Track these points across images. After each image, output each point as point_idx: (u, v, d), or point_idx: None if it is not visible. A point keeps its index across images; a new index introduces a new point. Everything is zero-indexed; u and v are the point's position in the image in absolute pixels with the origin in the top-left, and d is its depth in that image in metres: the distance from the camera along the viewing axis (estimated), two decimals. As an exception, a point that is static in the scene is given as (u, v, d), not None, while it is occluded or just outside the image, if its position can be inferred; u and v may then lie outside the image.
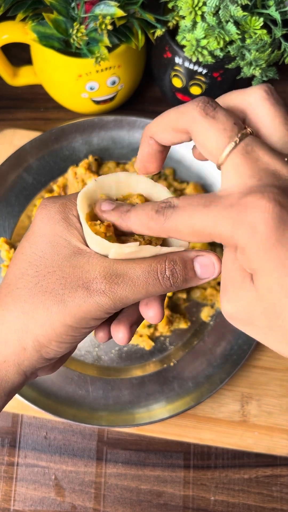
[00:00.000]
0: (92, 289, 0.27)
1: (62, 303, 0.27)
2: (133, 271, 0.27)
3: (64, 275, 0.27)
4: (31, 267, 0.28)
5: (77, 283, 0.27)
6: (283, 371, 0.57)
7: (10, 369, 0.28)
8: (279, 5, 0.47)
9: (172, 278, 0.28)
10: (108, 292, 0.26)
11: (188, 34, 0.48)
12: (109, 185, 0.30)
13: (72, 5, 0.49)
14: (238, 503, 0.53)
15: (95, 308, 0.27)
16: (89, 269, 0.27)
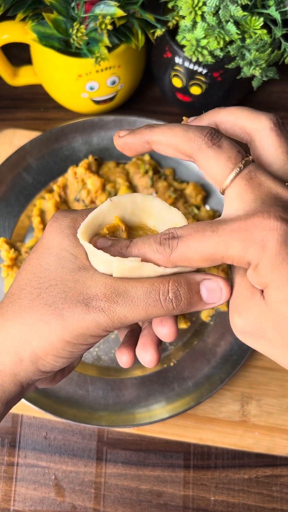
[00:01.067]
0: (91, 306, 0.26)
1: (61, 318, 0.26)
2: (134, 290, 0.26)
3: (66, 289, 0.27)
4: (35, 279, 0.28)
5: (77, 298, 0.26)
6: (283, 371, 0.57)
7: (7, 379, 0.28)
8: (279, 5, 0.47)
9: (175, 301, 0.27)
10: (106, 310, 0.26)
11: (188, 34, 0.48)
12: (125, 206, 0.29)
13: (72, 5, 0.49)
14: (238, 503, 0.53)
15: (93, 325, 0.26)
16: (91, 284, 0.27)
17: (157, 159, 0.62)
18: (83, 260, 0.28)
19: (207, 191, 0.61)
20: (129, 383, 0.55)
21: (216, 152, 0.26)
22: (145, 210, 0.30)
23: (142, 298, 0.26)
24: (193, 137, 0.26)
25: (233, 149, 0.26)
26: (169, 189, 0.59)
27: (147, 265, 0.26)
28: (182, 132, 0.27)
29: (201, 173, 0.61)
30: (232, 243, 0.24)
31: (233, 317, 0.26)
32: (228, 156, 0.26)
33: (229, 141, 0.26)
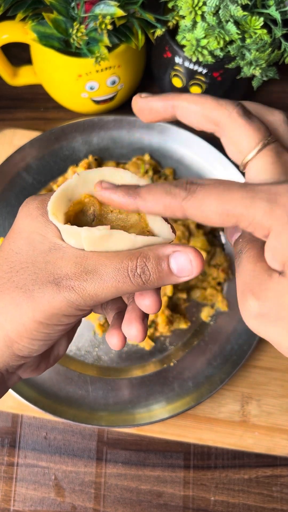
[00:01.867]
0: (61, 285, 0.26)
1: (32, 299, 0.26)
2: (103, 268, 0.26)
3: (36, 271, 0.27)
4: (6, 263, 0.28)
5: (48, 279, 0.26)
6: (283, 371, 0.57)
7: None
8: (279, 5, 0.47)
9: (144, 276, 0.26)
10: (77, 289, 0.26)
11: (188, 34, 0.48)
12: (93, 180, 0.28)
13: (72, 5, 0.49)
14: (238, 503, 0.53)
15: (65, 304, 0.26)
16: (62, 265, 0.27)
17: (157, 159, 0.62)
18: (53, 240, 0.28)
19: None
20: (129, 383, 0.55)
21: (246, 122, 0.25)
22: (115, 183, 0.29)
23: (111, 275, 0.26)
24: (224, 104, 0.26)
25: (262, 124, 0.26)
26: (169, 189, 0.59)
27: (117, 233, 0.26)
28: (212, 99, 0.26)
29: (201, 173, 0.61)
30: (259, 201, 0.22)
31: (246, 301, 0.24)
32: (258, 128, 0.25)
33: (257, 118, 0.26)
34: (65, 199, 0.28)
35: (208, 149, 0.60)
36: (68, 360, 0.56)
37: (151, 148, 0.62)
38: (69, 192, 0.28)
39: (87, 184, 0.28)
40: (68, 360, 0.56)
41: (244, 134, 0.25)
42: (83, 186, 0.28)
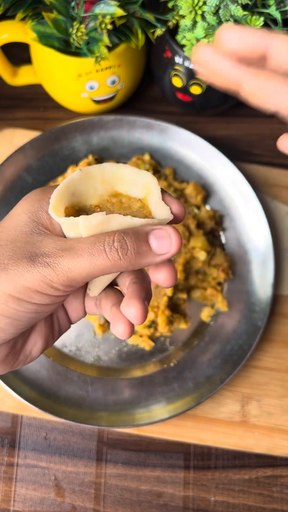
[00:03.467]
0: (37, 261, 0.26)
1: (4, 271, 0.26)
2: (79, 244, 0.26)
3: (14, 248, 0.27)
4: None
5: (24, 255, 0.26)
6: (283, 371, 0.57)
7: None
8: (280, 5, 0.47)
9: (121, 250, 0.26)
10: (51, 264, 0.26)
11: (188, 33, 0.48)
12: (95, 175, 0.29)
13: (72, 5, 0.49)
14: (238, 503, 0.53)
15: (38, 278, 0.26)
16: (41, 246, 0.27)
17: (157, 159, 0.62)
18: (39, 225, 0.28)
19: (207, 191, 0.61)
20: (129, 383, 0.55)
21: None
22: (116, 178, 0.30)
23: (86, 249, 0.26)
24: None
25: None
26: (169, 189, 0.59)
27: (113, 217, 0.26)
28: None
29: (201, 173, 0.61)
30: None
31: None
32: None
33: None
34: (67, 193, 0.28)
35: (208, 149, 0.60)
36: (68, 360, 0.56)
37: (151, 148, 0.62)
38: (72, 188, 0.28)
39: (89, 180, 0.29)
40: (68, 360, 0.56)
41: None
42: (86, 182, 0.29)
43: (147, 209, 0.30)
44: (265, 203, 0.62)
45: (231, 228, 0.60)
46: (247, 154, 0.65)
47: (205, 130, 0.65)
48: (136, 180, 0.30)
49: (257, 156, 0.65)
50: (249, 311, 0.57)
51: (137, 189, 0.30)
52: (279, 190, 0.63)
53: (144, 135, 0.61)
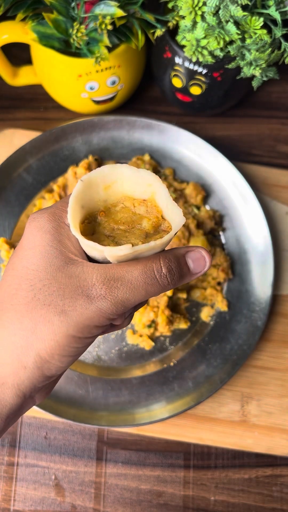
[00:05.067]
0: (92, 296, 0.26)
1: (64, 314, 0.26)
2: (130, 274, 0.27)
3: (61, 286, 0.27)
4: (24, 282, 0.27)
5: (76, 292, 0.26)
6: (283, 371, 0.57)
7: (8, 392, 0.27)
8: (279, 5, 0.47)
9: (170, 276, 0.28)
10: (108, 297, 0.26)
11: (188, 34, 0.48)
12: (96, 182, 0.29)
13: (72, 5, 0.49)
14: (238, 503, 0.53)
15: (97, 314, 0.26)
16: (85, 277, 0.27)
17: (157, 159, 0.62)
18: (69, 254, 0.28)
19: (207, 191, 0.61)
20: (129, 383, 0.55)
21: None
22: (117, 179, 0.30)
23: (140, 279, 0.27)
24: None
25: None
26: (169, 189, 0.59)
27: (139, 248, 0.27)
28: None
29: (200, 173, 0.61)
30: None
31: None
32: None
33: None
34: (78, 208, 0.28)
35: (208, 149, 0.60)
36: (68, 360, 0.56)
37: (151, 148, 0.62)
38: (80, 200, 0.28)
39: (92, 188, 0.29)
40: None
41: None
42: (89, 191, 0.29)
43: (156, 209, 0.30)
44: (265, 203, 0.62)
45: (231, 228, 0.60)
46: (247, 155, 0.66)
47: (204, 131, 0.66)
48: (136, 180, 0.30)
49: (257, 157, 0.66)
50: (249, 311, 0.57)
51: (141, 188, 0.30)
52: (278, 190, 0.63)
53: (144, 135, 0.62)
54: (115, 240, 0.29)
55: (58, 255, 0.28)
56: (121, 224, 0.29)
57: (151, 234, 0.29)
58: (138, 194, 0.30)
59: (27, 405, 0.29)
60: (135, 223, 0.30)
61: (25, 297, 0.27)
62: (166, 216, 0.30)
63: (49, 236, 0.28)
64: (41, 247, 0.28)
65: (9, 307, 0.27)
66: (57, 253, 0.28)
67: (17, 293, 0.27)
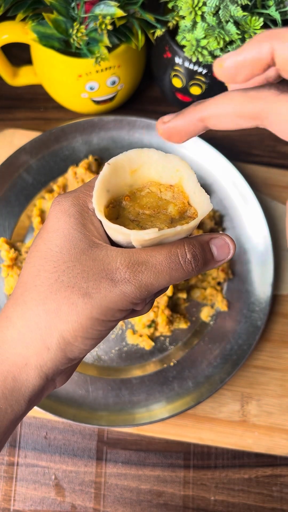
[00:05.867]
0: (116, 279, 0.26)
1: (88, 296, 0.26)
2: (154, 259, 0.27)
3: (85, 269, 0.27)
4: (48, 263, 0.27)
5: (100, 274, 0.26)
6: (283, 371, 0.57)
7: (31, 373, 0.27)
8: (279, 5, 0.47)
9: (194, 262, 0.28)
10: (132, 281, 0.26)
11: (188, 34, 0.48)
12: (122, 166, 0.29)
13: (72, 5, 0.49)
14: (238, 503, 0.53)
15: (121, 298, 0.26)
16: (110, 261, 0.27)
17: (157, 159, 0.62)
18: (92, 238, 0.28)
19: (207, 191, 0.61)
20: (129, 383, 0.55)
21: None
22: (144, 163, 0.29)
23: (164, 264, 0.27)
24: (256, 95, 0.24)
25: None
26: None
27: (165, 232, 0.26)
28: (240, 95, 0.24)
29: (200, 174, 0.61)
30: None
31: None
32: None
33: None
34: (104, 192, 0.28)
35: (207, 150, 0.60)
36: (68, 360, 0.56)
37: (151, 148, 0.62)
38: (106, 184, 0.28)
39: (119, 172, 0.29)
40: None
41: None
42: (115, 175, 0.29)
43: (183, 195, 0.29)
44: (265, 203, 0.62)
45: (231, 228, 0.60)
46: (247, 155, 0.66)
47: (204, 131, 0.65)
48: (164, 164, 0.29)
49: (257, 157, 0.66)
50: (248, 311, 0.57)
51: (168, 173, 0.29)
52: (278, 190, 0.63)
53: (144, 135, 0.62)
54: (140, 225, 0.28)
55: (82, 238, 0.28)
56: (146, 209, 0.29)
57: (177, 219, 0.29)
58: (165, 179, 0.30)
59: (49, 388, 0.29)
60: (161, 208, 0.29)
61: (48, 278, 0.27)
62: (192, 202, 0.29)
63: (73, 219, 0.28)
64: (65, 230, 0.28)
65: (32, 288, 0.27)
66: (81, 236, 0.28)
67: (40, 274, 0.27)
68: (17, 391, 0.27)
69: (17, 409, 0.27)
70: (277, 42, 0.22)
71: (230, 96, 0.24)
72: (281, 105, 0.23)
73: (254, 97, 0.23)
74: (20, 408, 0.27)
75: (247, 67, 0.24)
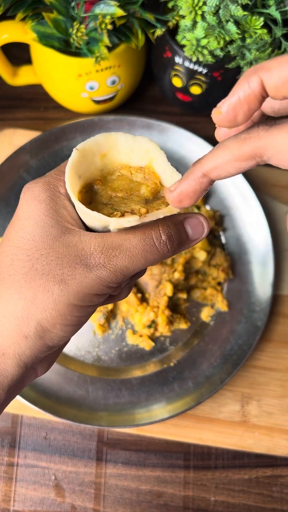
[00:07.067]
0: (91, 265, 0.26)
1: (63, 283, 0.26)
2: (128, 242, 0.27)
3: (59, 255, 0.26)
4: (21, 252, 0.27)
5: (75, 261, 0.26)
6: (283, 371, 0.57)
7: (9, 362, 0.27)
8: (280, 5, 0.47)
9: (169, 243, 0.28)
10: (107, 265, 0.26)
11: (188, 33, 0.48)
12: (91, 150, 0.29)
13: (72, 5, 0.49)
14: (238, 503, 0.53)
15: (97, 282, 0.26)
16: (83, 246, 0.27)
17: (157, 159, 0.62)
18: (65, 224, 0.28)
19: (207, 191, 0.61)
20: (129, 384, 0.55)
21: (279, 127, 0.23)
22: (113, 147, 0.29)
23: (139, 247, 0.27)
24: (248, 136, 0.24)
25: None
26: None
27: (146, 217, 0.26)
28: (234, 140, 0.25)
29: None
30: None
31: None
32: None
33: None
34: (76, 177, 0.28)
35: (208, 149, 0.60)
36: (68, 360, 0.56)
37: (151, 148, 0.62)
38: (76, 169, 0.28)
39: (87, 157, 0.29)
40: (68, 360, 0.56)
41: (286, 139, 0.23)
42: (85, 160, 0.29)
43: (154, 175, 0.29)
44: (265, 203, 0.62)
45: (231, 228, 0.60)
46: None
47: (205, 130, 0.65)
48: (133, 146, 0.29)
49: (257, 156, 0.65)
50: (249, 311, 0.57)
51: (137, 155, 0.29)
52: (279, 190, 0.63)
53: (144, 135, 0.61)
54: (114, 208, 0.28)
55: (55, 224, 0.27)
56: (118, 191, 0.29)
57: (151, 200, 0.29)
58: (136, 161, 0.30)
59: (29, 377, 0.29)
60: (133, 190, 0.29)
61: (22, 267, 0.27)
62: (164, 182, 0.29)
63: (44, 205, 0.28)
64: (37, 217, 0.28)
65: (7, 277, 0.27)
66: (53, 222, 0.27)
67: (14, 263, 0.27)
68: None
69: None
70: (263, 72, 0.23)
71: (225, 145, 0.25)
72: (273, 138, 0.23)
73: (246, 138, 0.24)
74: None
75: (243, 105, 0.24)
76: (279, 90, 0.23)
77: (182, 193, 0.27)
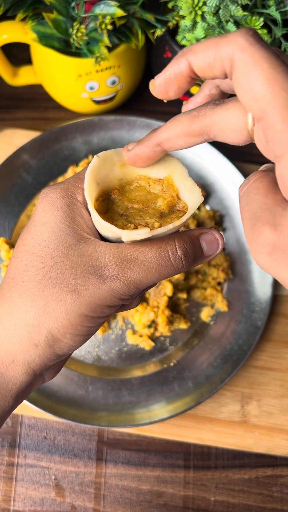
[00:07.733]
0: (105, 276, 0.26)
1: (76, 293, 0.26)
2: (143, 255, 0.27)
3: (73, 265, 0.26)
4: (35, 259, 0.27)
5: (89, 271, 0.26)
6: (283, 371, 0.57)
7: (18, 369, 0.27)
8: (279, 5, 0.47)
9: (185, 258, 0.27)
10: (121, 277, 0.26)
11: (188, 34, 0.48)
12: (111, 159, 0.29)
13: (72, 5, 0.49)
14: (238, 503, 0.53)
15: (109, 294, 0.26)
16: (98, 256, 0.26)
17: (157, 159, 0.62)
18: (81, 232, 0.27)
19: (207, 191, 0.61)
20: (129, 383, 0.55)
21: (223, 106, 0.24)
22: None
23: (154, 261, 0.27)
24: (197, 113, 0.25)
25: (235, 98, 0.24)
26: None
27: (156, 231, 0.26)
28: (185, 116, 0.26)
29: (201, 173, 0.61)
30: None
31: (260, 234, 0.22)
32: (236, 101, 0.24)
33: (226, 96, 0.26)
34: (94, 184, 0.28)
35: (208, 149, 0.60)
36: (68, 360, 0.56)
37: (151, 148, 0.62)
38: (95, 176, 0.28)
39: (107, 165, 0.29)
40: (68, 360, 0.56)
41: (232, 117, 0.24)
42: (104, 167, 0.29)
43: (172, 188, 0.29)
44: (265, 203, 0.62)
45: (231, 228, 0.60)
46: (247, 154, 0.66)
47: (205, 130, 0.65)
48: None
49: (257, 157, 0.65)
50: (249, 311, 0.57)
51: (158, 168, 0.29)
52: (279, 190, 0.63)
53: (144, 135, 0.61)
54: (129, 220, 0.28)
55: (70, 232, 0.27)
56: (135, 203, 0.29)
57: (166, 213, 0.29)
58: (154, 173, 0.30)
59: (36, 383, 0.29)
60: (150, 202, 0.29)
61: (36, 274, 0.27)
62: (182, 195, 0.29)
63: (61, 212, 0.28)
64: (53, 224, 0.27)
65: (20, 284, 0.27)
66: (69, 230, 0.27)
67: (28, 269, 0.27)
68: (4, 387, 0.27)
69: (4, 405, 0.27)
70: (190, 55, 0.24)
71: (178, 120, 0.26)
72: (217, 116, 0.24)
73: (195, 116, 0.25)
74: (7, 404, 0.27)
75: (173, 83, 0.26)
76: (205, 72, 0.24)
77: (137, 156, 0.28)
